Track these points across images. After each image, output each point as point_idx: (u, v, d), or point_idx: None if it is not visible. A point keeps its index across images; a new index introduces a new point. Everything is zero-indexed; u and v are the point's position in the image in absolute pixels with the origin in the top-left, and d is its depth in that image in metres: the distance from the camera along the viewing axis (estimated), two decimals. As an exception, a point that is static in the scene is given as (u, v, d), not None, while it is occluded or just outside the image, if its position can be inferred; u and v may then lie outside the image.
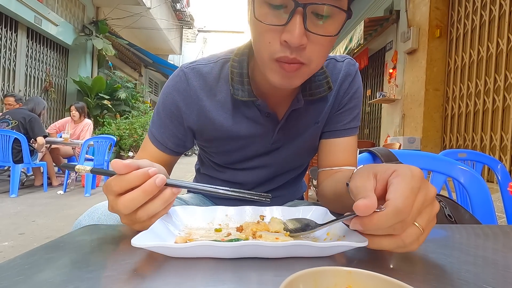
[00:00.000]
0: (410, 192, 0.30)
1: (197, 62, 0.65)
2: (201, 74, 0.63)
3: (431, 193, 0.32)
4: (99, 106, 6.69)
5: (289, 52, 0.46)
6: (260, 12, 0.46)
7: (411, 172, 0.32)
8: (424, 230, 0.32)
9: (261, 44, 0.49)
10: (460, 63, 3.69)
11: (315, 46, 0.47)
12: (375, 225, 0.30)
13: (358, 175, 0.36)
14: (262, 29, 0.47)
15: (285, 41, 0.45)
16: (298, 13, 0.43)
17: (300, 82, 0.52)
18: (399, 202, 0.30)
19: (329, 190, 0.59)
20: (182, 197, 0.75)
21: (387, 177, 0.33)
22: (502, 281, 0.29)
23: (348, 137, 0.67)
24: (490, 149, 3.19)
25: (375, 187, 0.33)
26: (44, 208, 2.83)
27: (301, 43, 0.44)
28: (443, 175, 0.90)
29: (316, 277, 0.21)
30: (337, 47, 5.96)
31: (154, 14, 8.28)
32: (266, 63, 0.50)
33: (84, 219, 0.51)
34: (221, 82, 0.63)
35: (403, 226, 0.31)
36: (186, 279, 0.28)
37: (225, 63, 0.64)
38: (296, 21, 0.43)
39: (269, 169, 0.70)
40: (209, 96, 0.63)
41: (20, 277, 0.28)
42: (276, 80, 0.50)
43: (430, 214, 0.33)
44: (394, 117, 4.68)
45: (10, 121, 3.39)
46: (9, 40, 5.10)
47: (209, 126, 0.64)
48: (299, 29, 0.43)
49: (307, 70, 0.50)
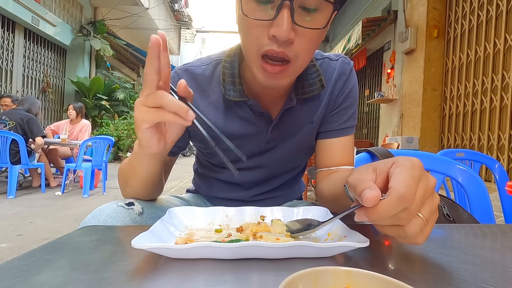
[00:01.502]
0: (412, 179, 0.30)
1: (190, 64, 0.66)
2: (194, 75, 0.64)
3: (431, 183, 0.32)
4: (97, 107, 6.67)
5: (276, 46, 0.46)
6: (247, 7, 0.46)
7: (411, 162, 0.32)
8: (427, 222, 0.32)
9: (248, 40, 0.49)
10: (458, 63, 3.71)
11: (303, 40, 0.47)
12: (380, 214, 0.30)
13: (357, 170, 0.36)
14: (250, 24, 0.47)
15: (273, 35, 0.45)
16: (285, 7, 0.44)
17: (288, 81, 0.53)
18: (402, 189, 0.29)
19: (327, 190, 0.59)
20: (182, 197, 0.75)
21: (387, 170, 0.33)
22: (500, 280, 0.29)
23: (345, 137, 0.67)
24: (488, 148, 3.21)
25: (374, 180, 0.33)
26: (42, 209, 2.82)
27: (289, 37, 0.45)
28: (441, 175, 0.91)
29: (315, 277, 0.21)
30: (335, 47, 5.97)
31: (152, 15, 8.27)
32: (254, 60, 0.50)
33: (89, 221, 0.50)
34: (214, 83, 0.64)
35: (408, 216, 0.31)
36: (187, 280, 0.28)
37: (218, 64, 0.64)
38: (284, 15, 0.44)
39: (265, 170, 0.70)
40: (202, 97, 0.64)
41: (18, 279, 0.28)
42: (262, 79, 0.51)
43: (432, 205, 0.32)
44: (392, 117, 4.69)
45: (7, 122, 3.37)
46: (6, 40, 5.08)
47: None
48: (287, 23, 0.44)
49: (293, 68, 0.50)
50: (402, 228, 0.31)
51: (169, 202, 0.67)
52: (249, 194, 0.73)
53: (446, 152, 1.39)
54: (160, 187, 0.61)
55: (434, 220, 0.33)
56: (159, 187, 0.61)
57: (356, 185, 0.33)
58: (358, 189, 0.32)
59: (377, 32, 5.09)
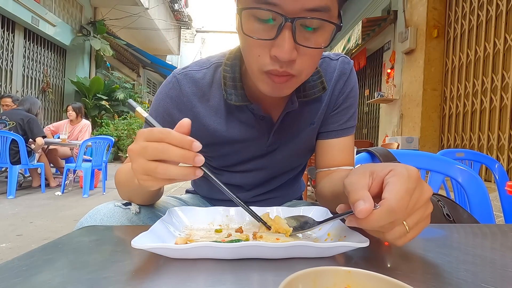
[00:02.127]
0: (405, 192, 0.31)
1: (190, 68, 0.64)
2: (194, 80, 0.63)
3: (425, 194, 0.33)
4: (97, 107, 6.67)
5: (278, 66, 0.46)
6: (247, 27, 0.45)
7: (407, 172, 0.32)
8: (410, 230, 0.32)
9: (250, 57, 0.49)
10: (458, 63, 3.71)
11: (305, 58, 0.46)
12: (369, 223, 0.31)
13: (354, 173, 0.36)
14: (250, 43, 0.47)
15: (275, 55, 0.44)
16: (286, 28, 0.43)
17: (291, 91, 0.53)
18: (393, 203, 0.30)
19: (327, 190, 0.59)
20: (181, 198, 0.75)
21: (383, 176, 0.33)
22: (500, 280, 0.29)
23: (345, 137, 0.67)
24: (488, 148, 3.21)
25: (370, 185, 0.33)
26: (42, 209, 2.82)
27: (291, 58, 0.44)
28: (441, 175, 0.91)
29: (315, 277, 0.21)
30: (335, 47, 5.97)
31: (152, 15, 8.26)
32: (256, 74, 0.50)
33: (86, 221, 0.50)
34: (214, 87, 0.63)
35: (391, 225, 0.32)
36: (187, 280, 0.28)
37: (218, 67, 0.63)
38: (285, 35, 0.43)
39: (266, 171, 0.70)
40: (202, 101, 0.63)
41: (18, 279, 0.28)
42: (266, 91, 0.51)
43: (422, 214, 0.33)
44: (392, 117, 4.69)
45: (7, 122, 3.37)
46: (6, 40, 5.08)
47: (203, 132, 0.63)
48: (289, 44, 0.43)
49: (297, 81, 0.50)
50: (382, 233, 0.33)
51: (167, 202, 0.67)
52: (250, 195, 0.73)
53: (446, 152, 1.39)
54: (158, 197, 0.61)
55: (421, 228, 0.34)
56: (157, 197, 0.61)
57: (350, 191, 0.33)
58: (352, 197, 0.32)
59: (377, 32, 5.09)
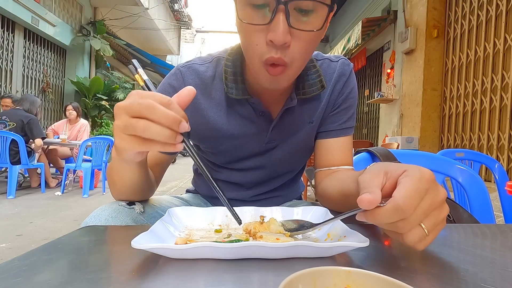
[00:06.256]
0: (415, 192, 0.31)
1: (193, 62, 0.66)
2: (197, 72, 0.64)
3: (440, 196, 0.32)
4: (97, 107, 6.66)
5: (274, 52, 0.47)
6: (243, 13, 0.47)
7: (420, 173, 0.32)
8: (429, 233, 0.32)
9: (249, 47, 0.50)
10: (458, 63, 3.71)
11: (299, 43, 0.47)
12: (376, 219, 0.31)
13: (370, 171, 0.36)
14: (247, 30, 0.48)
15: (271, 40, 0.45)
16: (280, 11, 0.44)
17: (288, 83, 0.54)
18: (400, 200, 0.30)
19: (332, 190, 0.59)
20: (182, 197, 0.75)
21: (397, 176, 0.33)
22: (500, 280, 0.29)
23: (344, 137, 0.68)
24: (488, 148, 3.21)
25: (383, 184, 0.33)
26: (41, 210, 2.81)
27: (285, 41, 0.45)
28: (441, 175, 0.91)
29: (315, 277, 0.21)
30: (335, 47, 5.97)
31: (152, 15, 8.26)
32: (257, 67, 0.51)
33: (91, 221, 0.50)
34: (216, 81, 0.64)
35: (406, 226, 0.31)
36: (186, 280, 0.28)
37: (219, 61, 0.65)
38: (279, 18, 0.44)
39: (265, 170, 0.70)
40: (204, 94, 0.64)
41: (18, 279, 0.28)
42: (265, 83, 0.53)
43: (438, 217, 0.32)
44: (392, 117, 4.69)
45: (7, 122, 3.37)
46: (6, 40, 5.08)
47: (203, 125, 0.64)
48: (283, 26, 0.44)
49: (291, 71, 0.51)
50: (401, 235, 0.32)
51: (170, 202, 0.67)
52: (249, 194, 0.73)
53: (446, 152, 1.39)
54: (149, 189, 0.59)
55: (438, 231, 0.33)
56: (149, 189, 0.59)
57: (362, 188, 0.33)
58: (362, 192, 0.32)
59: (377, 32, 5.09)
